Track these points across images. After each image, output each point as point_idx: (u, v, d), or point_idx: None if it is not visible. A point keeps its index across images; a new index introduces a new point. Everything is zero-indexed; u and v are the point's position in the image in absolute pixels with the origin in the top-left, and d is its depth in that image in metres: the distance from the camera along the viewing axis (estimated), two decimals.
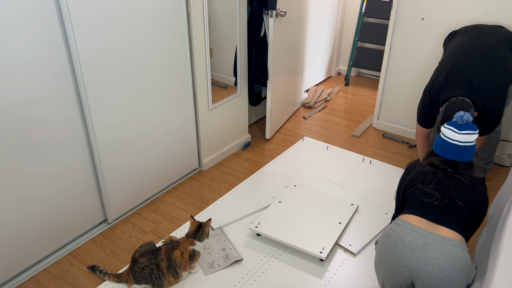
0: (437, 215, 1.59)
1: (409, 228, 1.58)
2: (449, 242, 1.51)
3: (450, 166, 1.67)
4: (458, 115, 1.64)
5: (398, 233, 1.60)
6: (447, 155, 1.67)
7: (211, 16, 2.58)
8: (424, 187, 1.67)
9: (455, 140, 1.63)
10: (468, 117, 1.64)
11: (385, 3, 4.01)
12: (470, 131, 1.62)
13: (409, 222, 1.60)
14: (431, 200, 1.62)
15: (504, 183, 2.08)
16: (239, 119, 3.12)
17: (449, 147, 1.65)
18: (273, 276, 2.04)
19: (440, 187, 1.64)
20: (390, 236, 1.62)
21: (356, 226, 2.33)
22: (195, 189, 2.74)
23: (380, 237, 1.70)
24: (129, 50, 2.14)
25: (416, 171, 1.74)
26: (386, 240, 1.64)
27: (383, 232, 1.69)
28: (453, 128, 1.64)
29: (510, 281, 1.20)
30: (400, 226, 1.61)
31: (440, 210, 1.60)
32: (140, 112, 2.33)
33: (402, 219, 1.63)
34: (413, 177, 1.74)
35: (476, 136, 1.63)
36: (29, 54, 1.77)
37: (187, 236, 2.02)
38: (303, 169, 2.87)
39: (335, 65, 4.64)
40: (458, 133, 1.63)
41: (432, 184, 1.66)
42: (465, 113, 1.64)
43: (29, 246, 2.05)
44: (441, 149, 1.69)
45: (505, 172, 2.93)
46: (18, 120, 1.82)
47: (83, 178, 2.20)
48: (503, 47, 2.23)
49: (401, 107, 3.34)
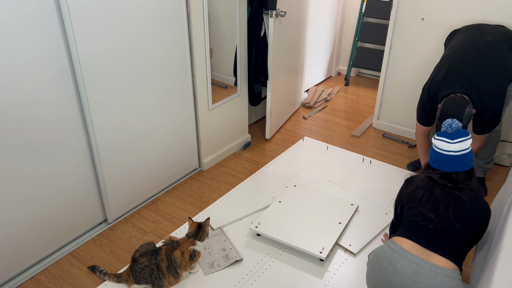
0: (431, 240, 1.54)
1: (401, 253, 1.53)
2: (441, 272, 1.47)
3: (449, 180, 1.61)
4: (446, 123, 1.59)
5: (389, 257, 1.55)
6: (446, 168, 1.61)
7: (211, 16, 2.58)
8: (421, 206, 1.60)
9: (450, 151, 1.57)
10: (457, 124, 1.58)
11: (385, 3, 4.01)
12: (463, 137, 1.57)
13: (401, 246, 1.55)
14: (427, 223, 1.56)
15: (504, 183, 2.08)
16: (239, 119, 3.12)
17: (446, 159, 1.59)
18: (273, 276, 2.04)
19: (437, 206, 1.57)
20: (381, 259, 1.57)
21: (356, 226, 2.33)
22: (195, 189, 2.74)
23: (372, 257, 1.66)
24: (129, 50, 2.14)
25: (414, 185, 1.68)
26: (377, 263, 1.59)
27: (375, 252, 1.64)
28: (445, 139, 1.58)
29: (510, 281, 1.20)
30: (392, 250, 1.56)
31: (435, 234, 1.54)
32: (140, 112, 2.33)
33: (395, 242, 1.58)
34: (410, 192, 1.68)
35: (470, 141, 1.58)
36: (29, 54, 1.77)
37: (188, 236, 2.02)
38: (303, 169, 2.87)
39: (335, 65, 4.64)
40: (451, 143, 1.57)
41: (429, 202, 1.59)
42: (453, 121, 1.59)
43: (29, 246, 2.05)
44: (437, 163, 1.63)
45: (505, 172, 2.93)
46: (18, 121, 1.82)
47: (83, 178, 2.20)
48: (502, 46, 2.23)
49: (401, 107, 3.34)
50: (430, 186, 1.63)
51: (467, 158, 1.59)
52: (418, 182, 1.67)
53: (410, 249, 1.54)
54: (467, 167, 1.60)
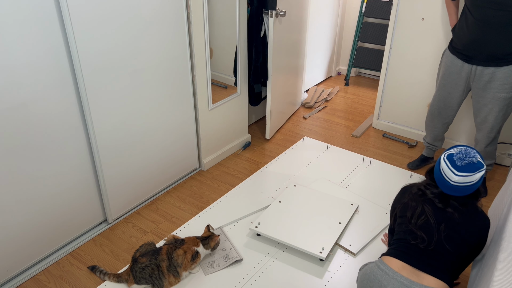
0: (422, 260, 1.52)
1: (391, 275, 1.51)
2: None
3: (442, 200, 1.57)
4: (460, 153, 1.52)
5: (379, 279, 1.53)
6: (444, 190, 1.57)
7: (211, 16, 2.58)
8: (411, 223, 1.57)
9: (452, 181, 1.52)
10: (471, 158, 1.50)
11: (385, 3, 4.01)
12: (470, 173, 1.49)
13: (391, 268, 1.53)
14: (417, 242, 1.54)
15: (504, 183, 2.08)
16: (239, 119, 3.12)
17: (446, 184, 1.55)
18: (273, 276, 2.04)
19: (429, 225, 1.54)
20: (371, 281, 1.56)
21: (356, 226, 2.33)
22: (195, 189, 2.74)
23: (361, 277, 1.64)
24: (129, 51, 2.14)
25: (408, 198, 1.65)
26: (366, 285, 1.58)
27: (364, 272, 1.62)
28: (451, 168, 1.52)
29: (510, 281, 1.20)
30: (382, 272, 1.54)
31: (425, 254, 1.52)
32: (140, 112, 2.33)
33: (384, 263, 1.56)
34: (403, 206, 1.65)
35: (479, 175, 1.50)
36: (30, 55, 1.77)
37: (197, 237, 2.04)
38: (303, 169, 2.87)
39: (335, 65, 4.64)
40: (455, 174, 1.51)
41: (420, 220, 1.56)
42: (467, 153, 1.51)
43: (29, 246, 2.06)
44: (439, 182, 1.58)
45: (505, 172, 2.94)
46: (18, 121, 1.82)
47: (83, 178, 2.20)
48: None
49: (401, 107, 3.34)
50: (422, 202, 1.59)
51: (468, 189, 1.53)
52: (411, 196, 1.64)
53: (400, 270, 1.52)
54: (465, 193, 1.55)
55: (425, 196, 1.61)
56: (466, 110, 2.99)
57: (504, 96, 2.33)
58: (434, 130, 2.77)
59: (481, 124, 2.50)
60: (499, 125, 2.45)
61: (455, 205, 1.55)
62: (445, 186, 1.56)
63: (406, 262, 1.53)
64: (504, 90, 2.32)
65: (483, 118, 2.47)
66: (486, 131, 2.49)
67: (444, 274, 1.50)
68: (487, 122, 2.46)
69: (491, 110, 2.41)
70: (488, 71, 2.32)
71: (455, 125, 3.09)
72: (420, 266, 1.51)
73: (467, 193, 1.55)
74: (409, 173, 2.84)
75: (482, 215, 1.58)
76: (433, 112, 2.69)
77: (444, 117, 2.66)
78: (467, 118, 3.01)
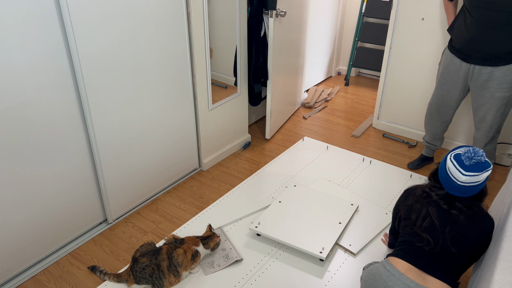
0: (427, 262, 1.51)
1: (397, 276, 1.50)
2: None
3: (447, 202, 1.56)
4: (468, 153, 1.51)
5: (385, 280, 1.52)
6: (449, 191, 1.56)
7: (211, 16, 2.58)
8: (417, 225, 1.57)
9: (459, 181, 1.51)
10: (479, 157, 1.50)
11: (385, 3, 4.01)
12: (478, 172, 1.49)
13: (397, 269, 1.52)
14: (422, 245, 1.53)
15: (504, 183, 2.08)
16: (239, 119, 3.12)
17: (453, 185, 1.54)
18: (273, 276, 2.04)
19: (434, 227, 1.54)
20: (376, 281, 1.55)
21: (356, 226, 2.33)
22: (195, 189, 2.74)
23: (366, 276, 1.63)
24: (129, 51, 2.14)
25: (412, 200, 1.64)
26: (371, 285, 1.57)
27: (369, 271, 1.62)
28: (459, 167, 1.51)
29: (510, 281, 1.20)
30: (387, 272, 1.53)
31: (431, 257, 1.52)
32: (140, 112, 2.33)
33: (390, 263, 1.55)
34: (408, 208, 1.64)
35: (486, 174, 1.49)
36: (30, 55, 1.77)
37: (197, 236, 2.04)
38: (303, 169, 2.87)
39: (335, 65, 4.64)
40: (462, 173, 1.49)
41: (425, 222, 1.55)
42: (476, 152, 1.51)
43: (29, 246, 2.06)
44: (444, 183, 1.58)
45: (505, 172, 2.93)
46: (19, 121, 1.82)
47: (83, 178, 2.20)
48: None
49: (401, 107, 3.34)
50: (426, 204, 1.58)
51: (474, 189, 1.53)
52: (416, 198, 1.63)
53: (406, 271, 1.52)
54: (471, 194, 1.55)
55: (429, 198, 1.60)
56: (465, 109, 2.99)
57: (502, 95, 2.34)
58: (433, 129, 2.77)
59: (479, 123, 2.51)
60: (497, 124, 2.45)
61: (460, 207, 1.55)
62: (451, 187, 1.55)
63: (412, 264, 1.53)
64: (502, 89, 2.32)
65: (481, 117, 2.47)
66: (485, 130, 2.50)
67: (450, 277, 1.50)
68: (485, 121, 2.46)
69: (489, 109, 2.41)
70: (486, 71, 2.33)
71: (454, 125, 3.09)
72: (426, 269, 1.51)
73: (472, 193, 1.54)
74: (409, 173, 2.84)
75: (487, 216, 1.57)
76: (432, 111, 2.69)
77: (443, 116, 2.66)
78: (466, 117, 3.02)
